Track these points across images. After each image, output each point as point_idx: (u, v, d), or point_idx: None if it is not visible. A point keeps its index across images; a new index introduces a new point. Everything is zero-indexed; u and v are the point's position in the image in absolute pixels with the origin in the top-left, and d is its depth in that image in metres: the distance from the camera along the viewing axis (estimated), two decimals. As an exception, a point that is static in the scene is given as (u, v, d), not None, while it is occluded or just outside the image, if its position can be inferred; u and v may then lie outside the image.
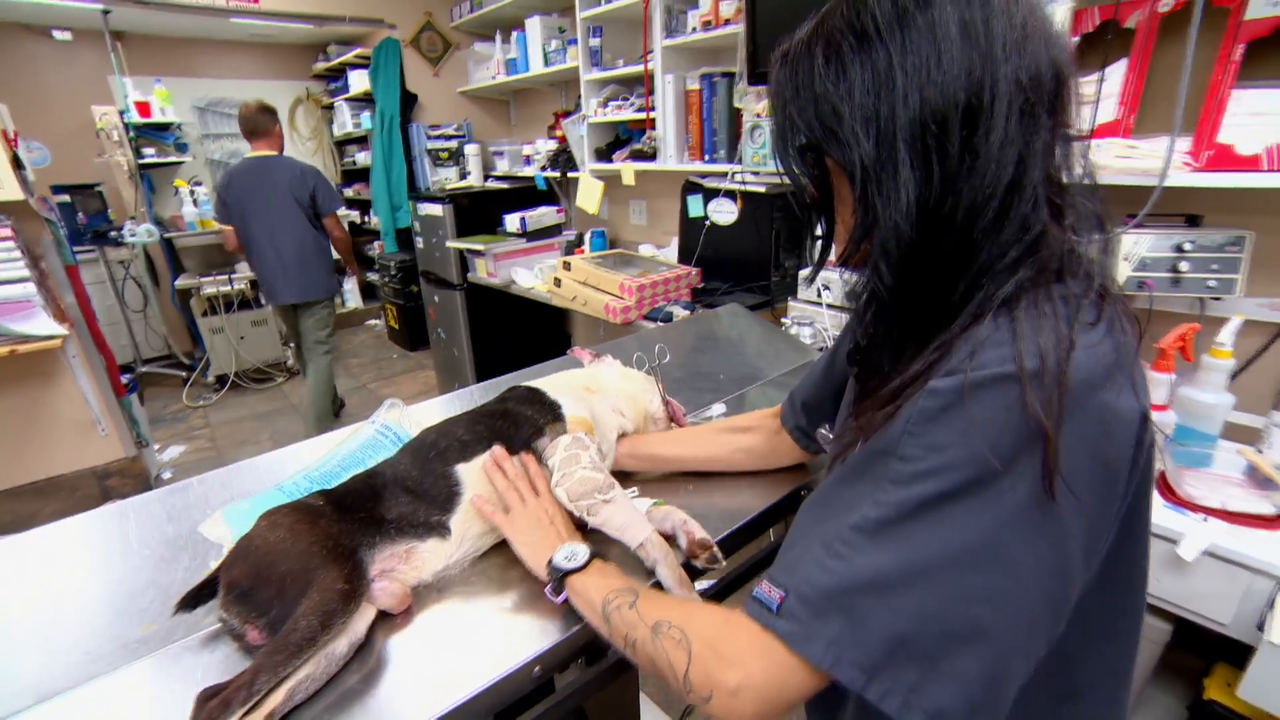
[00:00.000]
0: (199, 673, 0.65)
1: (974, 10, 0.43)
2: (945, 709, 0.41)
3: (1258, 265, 1.30)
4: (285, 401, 4.02)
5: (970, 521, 0.41)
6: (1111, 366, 0.42)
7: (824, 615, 0.44)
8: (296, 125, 5.34)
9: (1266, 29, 1.16)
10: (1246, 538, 1.07)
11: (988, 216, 0.44)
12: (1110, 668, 0.55)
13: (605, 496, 0.74)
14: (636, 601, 0.57)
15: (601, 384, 0.95)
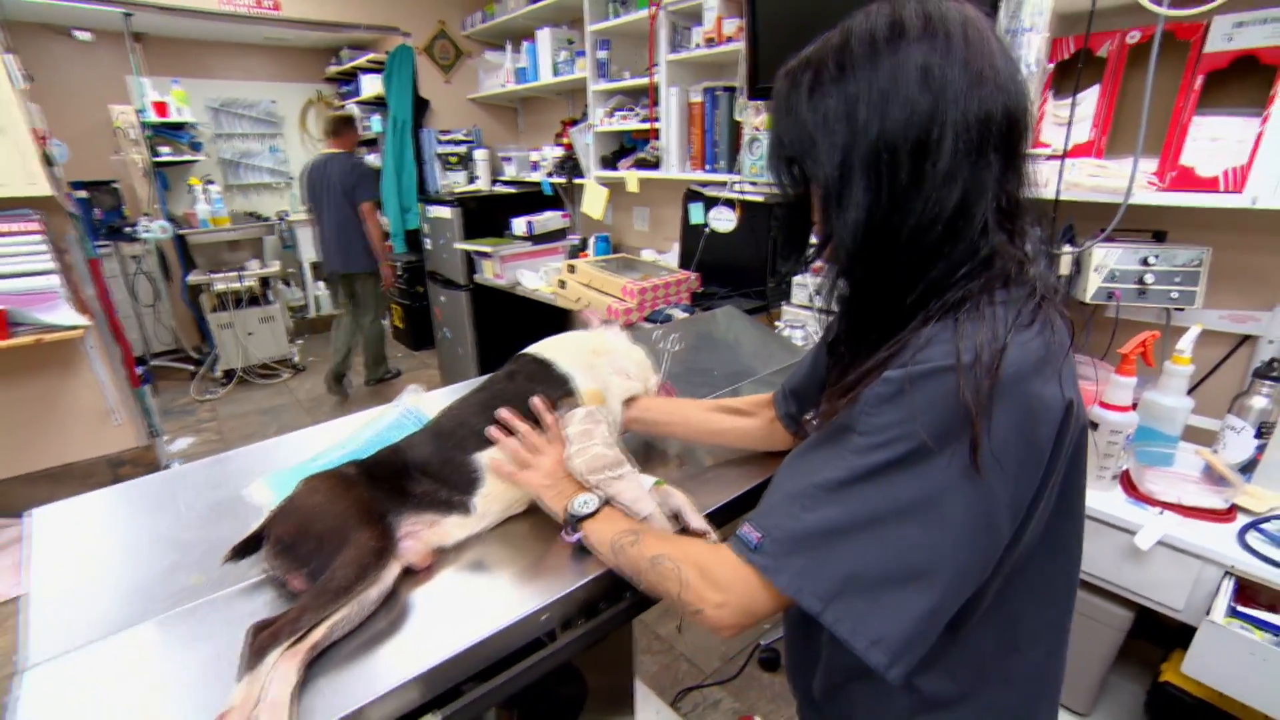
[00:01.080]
0: (245, 615, 0.74)
1: (934, 57, 0.50)
2: (884, 636, 0.51)
3: (1215, 279, 1.40)
4: (291, 397, 4.10)
5: (909, 485, 0.50)
6: (1040, 360, 0.50)
7: (790, 554, 0.54)
8: (307, 127, 5.45)
9: (1224, 62, 1.26)
10: (1199, 530, 1.16)
11: (933, 236, 0.52)
12: (1050, 625, 0.64)
13: (616, 473, 0.79)
14: (638, 540, 0.67)
15: (609, 346, 0.96)
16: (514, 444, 0.83)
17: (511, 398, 0.87)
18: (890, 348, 0.54)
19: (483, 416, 0.86)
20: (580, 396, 0.88)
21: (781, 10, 1.89)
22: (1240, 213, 1.32)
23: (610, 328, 1.03)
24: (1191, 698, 1.21)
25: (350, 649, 0.69)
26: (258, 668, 0.61)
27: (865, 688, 0.67)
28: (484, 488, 0.83)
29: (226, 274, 4.16)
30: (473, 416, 0.87)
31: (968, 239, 0.52)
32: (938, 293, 0.53)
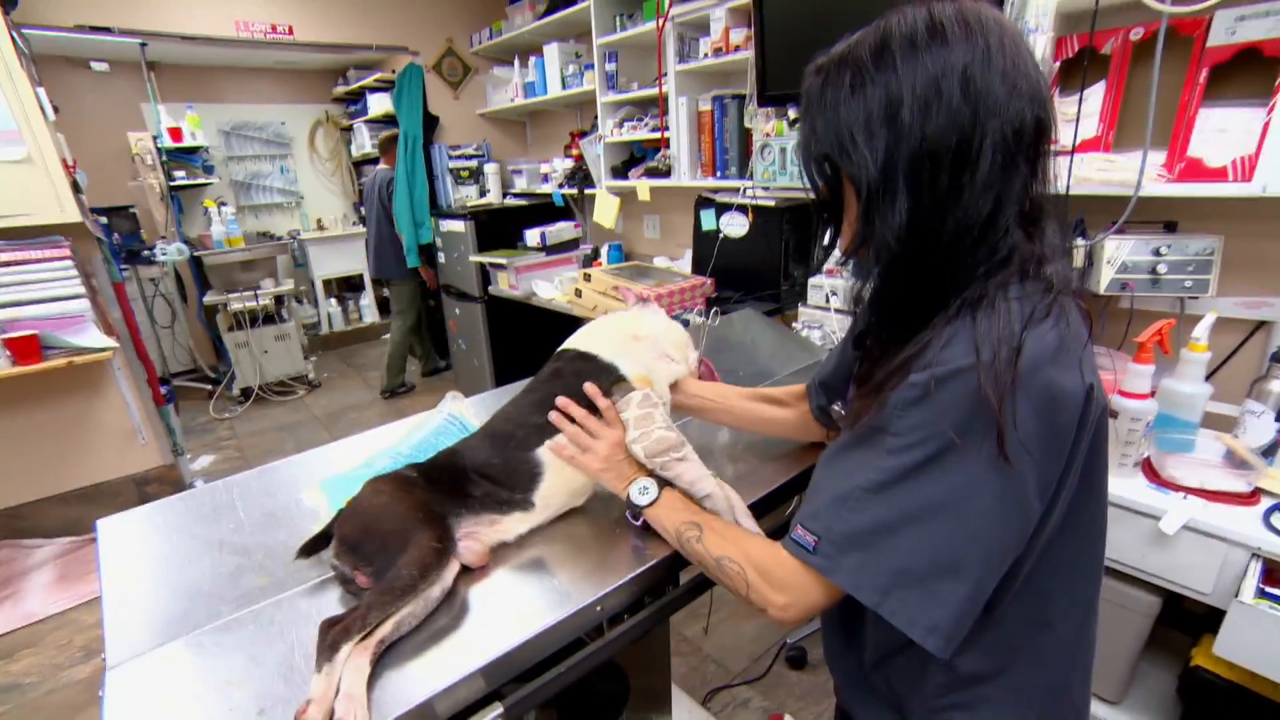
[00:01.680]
0: (311, 614, 0.77)
1: (976, 65, 0.51)
2: (939, 624, 0.55)
3: (1228, 267, 1.43)
4: (308, 413, 4.16)
5: (944, 480, 0.53)
6: (1057, 350, 0.52)
7: (845, 553, 0.57)
8: (316, 147, 5.54)
9: (1227, 55, 1.29)
10: (1224, 513, 1.18)
11: (968, 241, 0.55)
12: (1078, 600, 0.67)
13: (679, 455, 0.80)
14: (703, 536, 0.71)
15: (648, 329, 0.94)
16: (573, 429, 0.83)
17: (563, 392, 0.87)
18: (915, 345, 0.57)
19: (538, 414, 0.86)
20: (631, 381, 0.87)
21: (788, 20, 1.93)
22: (1250, 201, 1.34)
23: (647, 307, 1.01)
24: (1224, 681, 1.22)
25: (416, 642, 0.73)
26: (333, 660, 0.65)
27: (906, 662, 0.70)
28: (544, 484, 0.85)
29: (242, 293, 4.22)
30: (528, 415, 0.88)
31: (992, 241, 0.55)
32: (958, 290, 0.56)
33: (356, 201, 5.76)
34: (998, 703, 0.67)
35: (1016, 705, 0.67)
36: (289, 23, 3.57)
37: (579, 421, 0.84)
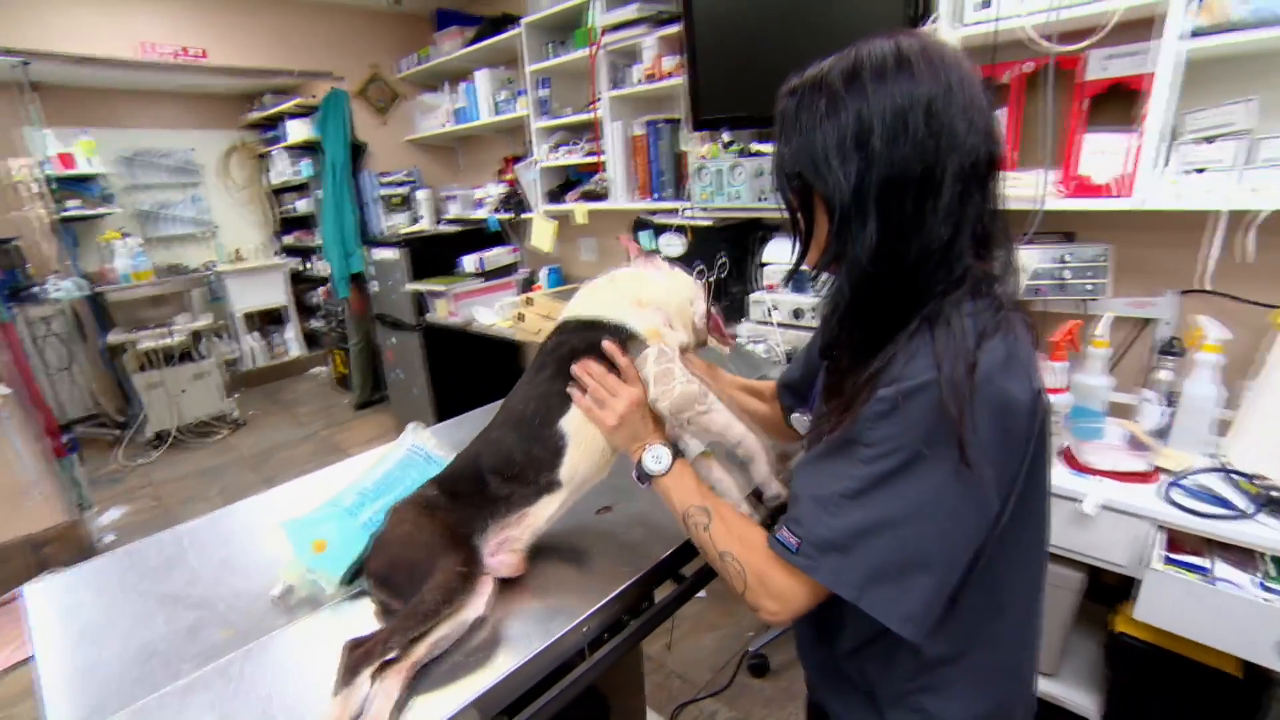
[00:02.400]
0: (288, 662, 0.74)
1: (939, 101, 0.55)
2: (912, 613, 0.60)
3: (1119, 271, 1.60)
4: (234, 454, 3.90)
5: (914, 486, 0.58)
6: (1006, 361, 0.57)
7: (825, 554, 0.62)
8: (230, 174, 5.27)
9: (1102, 88, 1.46)
10: (1131, 492, 1.31)
11: (930, 263, 0.59)
12: (1027, 586, 0.74)
13: (703, 407, 0.78)
14: (710, 525, 0.72)
15: (651, 295, 0.88)
16: (593, 384, 0.80)
17: (575, 359, 0.82)
18: (881, 359, 0.61)
19: (557, 383, 0.83)
20: (643, 338, 0.83)
21: (719, 48, 2.03)
22: (1130, 214, 1.51)
23: (650, 263, 0.93)
24: (1142, 643, 1.34)
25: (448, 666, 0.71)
26: (352, 684, 0.65)
27: (878, 650, 0.75)
28: (567, 457, 0.82)
29: (154, 330, 3.94)
30: (547, 387, 0.84)
31: (949, 263, 0.60)
32: (918, 307, 0.60)
33: (277, 231, 5.50)
34: (960, 684, 0.73)
35: (976, 685, 0.73)
36: (203, 46, 3.40)
37: (597, 379, 0.80)
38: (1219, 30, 1.26)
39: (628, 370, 0.80)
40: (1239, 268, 1.38)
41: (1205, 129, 1.38)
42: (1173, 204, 1.38)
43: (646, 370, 0.80)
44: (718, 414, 0.79)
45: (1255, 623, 1.07)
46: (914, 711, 0.73)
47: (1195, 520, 1.20)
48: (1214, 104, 1.37)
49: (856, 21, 1.73)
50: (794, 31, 1.85)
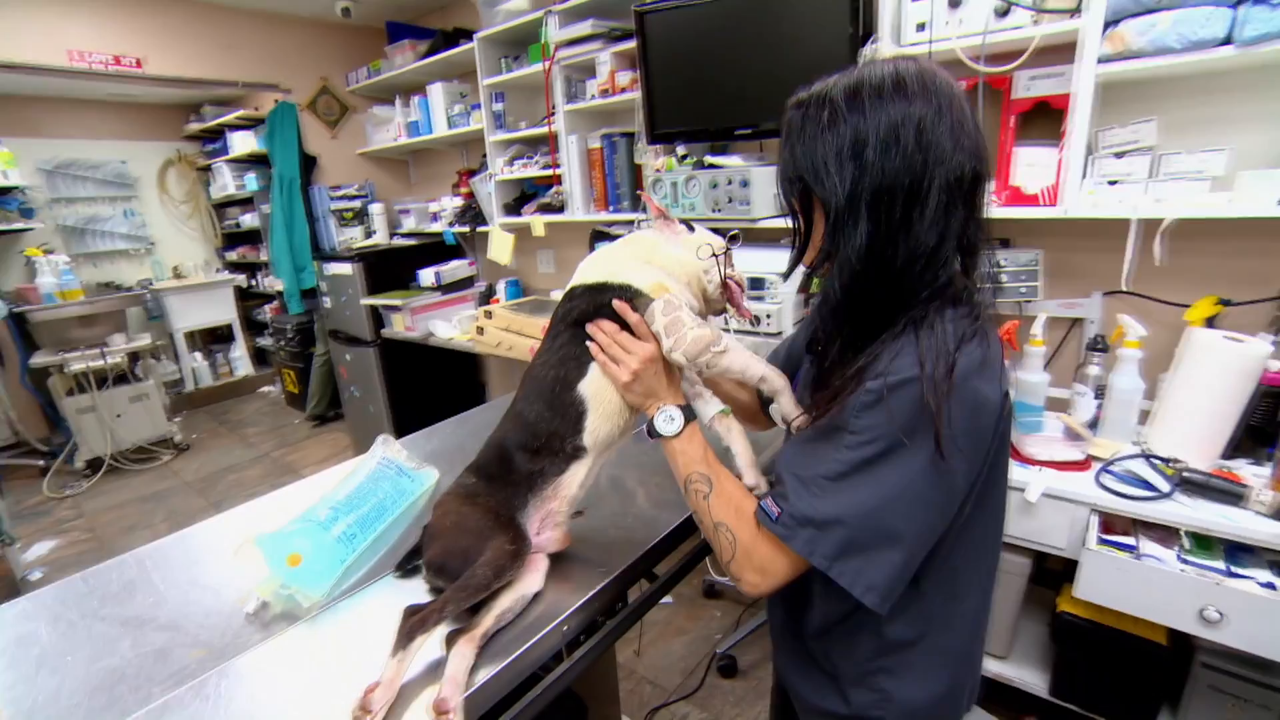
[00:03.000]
0: (269, 671, 0.73)
1: (929, 119, 0.60)
2: (876, 584, 0.65)
3: (1050, 275, 1.72)
4: (176, 480, 3.73)
5: (892, 472, 0.63)
6: (980, 364, 0.63)
7: (804, 526, 0.66)
8: (167, 188, 5.06)
9: (1028, 106, 1.58)
10: (1068, 479, 1.40)
11: (916, 268, 0.64)
12: (981, 578, 0.80)
13: (719, 348, 0.78)
14: (710, 495, 0.75)
15: (662, 259, 0.87)
16: (606, 340, 0.82)
17: (585, 322, 0.84)
18: (867, 356, 0.67)
19: (572, 347, 0.84)
20: (647, 294, 0.83)
21: (673, 65, 2.09)
22: (1058, 221, 1.63)
23: (669, 227, 0.90)
24: (1083, 620, 1.44)
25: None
26: (407, 648, 0.70)
27: (843, 631, 0.80)
28: (589, 420, 0.83)
29: (85, 352, 3.73)
30: (566, 351, 0.85)
31: (934, 269, 0.65)
32: (904, 309, 0.65)
33: (220, 247, 5.31)
34: (918, 666, 0.78)
35: (932, 668, 0.79)
36: (138, 55, 3.27)
37: (610, 336, 0.81)
38: (1123, 58, 1.38)
39: (639, 326, 0.81)
40: (1154, 270, 1.51)
41: (1117, 145, 1.51)
42: (1092, 213, 1.50)
43: (656, 324, 0.80)
44: (735, 354, 0.79)
45: (1177, 593, 1.17)
46: (874, 691, 0.78)
47: (1123, 502, 1.31)
48: (1122, 123, 1.50)
49: (804, 41, 1.82)
50: (744, 50, 1.93)
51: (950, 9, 1.54)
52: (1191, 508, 1.26)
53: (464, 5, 3.28)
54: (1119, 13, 1.37)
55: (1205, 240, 1.55)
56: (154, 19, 3.28)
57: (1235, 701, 1.32)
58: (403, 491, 1.03)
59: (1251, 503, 1.22)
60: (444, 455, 1.26)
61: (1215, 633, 1.14)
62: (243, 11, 3.46)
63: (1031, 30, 1.46)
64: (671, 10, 2.02)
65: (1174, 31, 1.30)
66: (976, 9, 1.51)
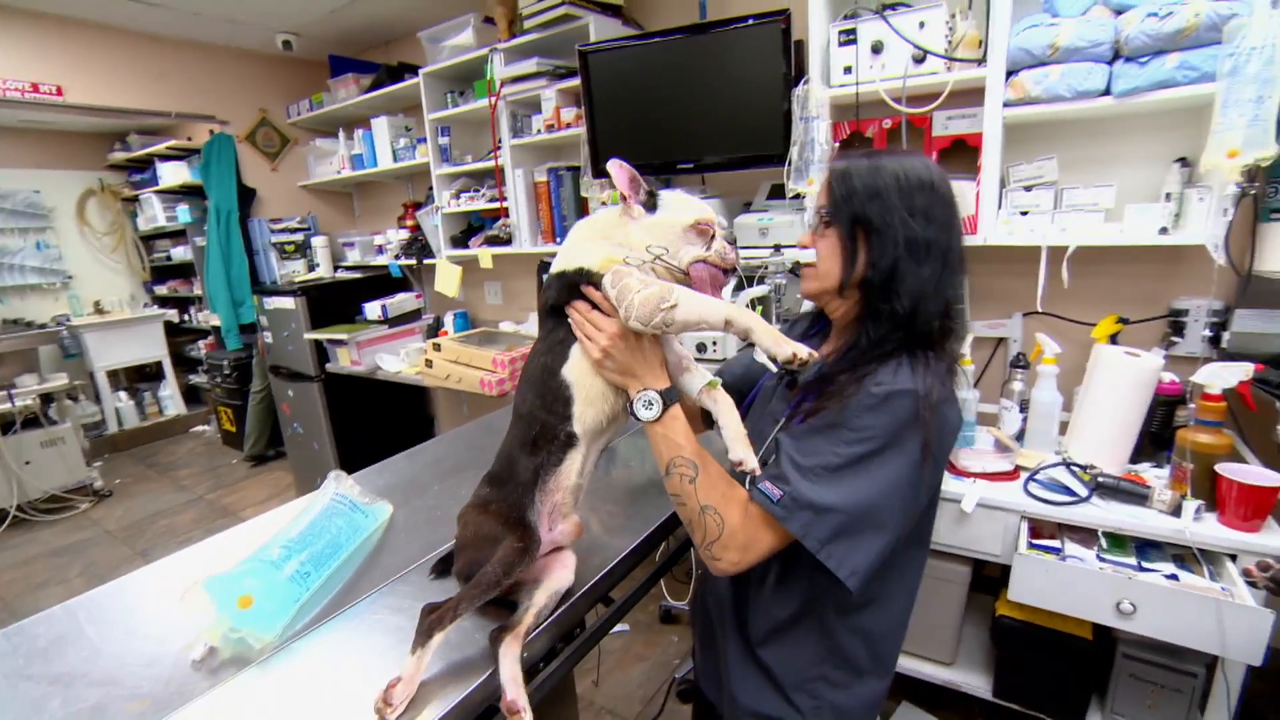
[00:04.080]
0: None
1: (948, 209, 0.77)
2: (858, 567, 0.73)
3: (975, 298, 1.85)
4: (96, 529, 3.47)
5: (885, 468, 0.72)
6: (950, 396, 0.76)
7: (803, 509, 0.73)
8: (88, 219, 4.80)
9: (947, 143, 1.72)
10: (999, 489, 1.50)
11: (919, 309, 0.75)
12: (920, 557, 0.90)
13: (670, 302, 0.76)
14: (696, 479, 0.77)
15: (622, 235, 0.85)
16: (579, 319, 0.83)
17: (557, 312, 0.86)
18: (867, 369, 0.76)
19: (556, 333, 0.86)
20: (596, 272, 0.82)
21: (615, 104, 2.17)
22: (978, 248, 1.77)
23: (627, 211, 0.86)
24: (1019, 621, 1.53)
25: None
26: (426, 645, 0.74)
27: (788, 638, 0.86)
28: (575, 405, 0.84)
29: (-9, 396, 3.47)
30: (549, 340, 0.87)
31: (928, 317, 0.76)
32: (906, 346, 0.77)
33: (148, 281, 5.06)
34: (863, 675, 0.87)
35: (865, 673, 0.87)
36: (56, 83, 3.14)
37: (583, 315, 0.83)
38: (1024, 103, 1.53)
39: (604, 303, 0.81)
40: (1065, 292, 1.65)
41: (1025, 179, 1.66)
42: (1008, 240, 1.64)
43: (611, 297, 0.79)
44: (688, 305, 0.77)
45: (1096, 589, 1.26)
46: (813, 698, 0.86)
47: (1047, 508, 1.40)
48: (1028, 160, 1.65)
49: (741, 80, 1.93)
50: (685, 88, 2.03)
51: (873, 55, 1.67)
52: (1105, 509, 1.36)
53: (408, 41, 3.30)
54: (1017, 63, 1.52)
55: (1106, 264, 1.70)
56: (76, 46, 3.16)
57: (1154, 688, 1.42)
58: (357, 527, 1.02)
59: (1154, 502, 1.33)
60: (397, 489, 1.24)
61: (1130, 624, 1.24)
62: (176, 42, 3.38)
63: (945, 76, 1.60)
64: (614, 50, 2.10)
65: (1063, 82, 1.46)
66: (897, 55, 1.64)
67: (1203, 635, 1.18)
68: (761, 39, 1.86)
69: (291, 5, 2.98)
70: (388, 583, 0.96)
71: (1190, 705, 1.40)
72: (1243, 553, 1.25)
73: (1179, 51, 1.36)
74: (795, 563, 0.83)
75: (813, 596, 0.84)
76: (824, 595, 0.83)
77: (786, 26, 1.81)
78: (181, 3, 2.90)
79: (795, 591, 0.84)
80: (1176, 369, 1.53)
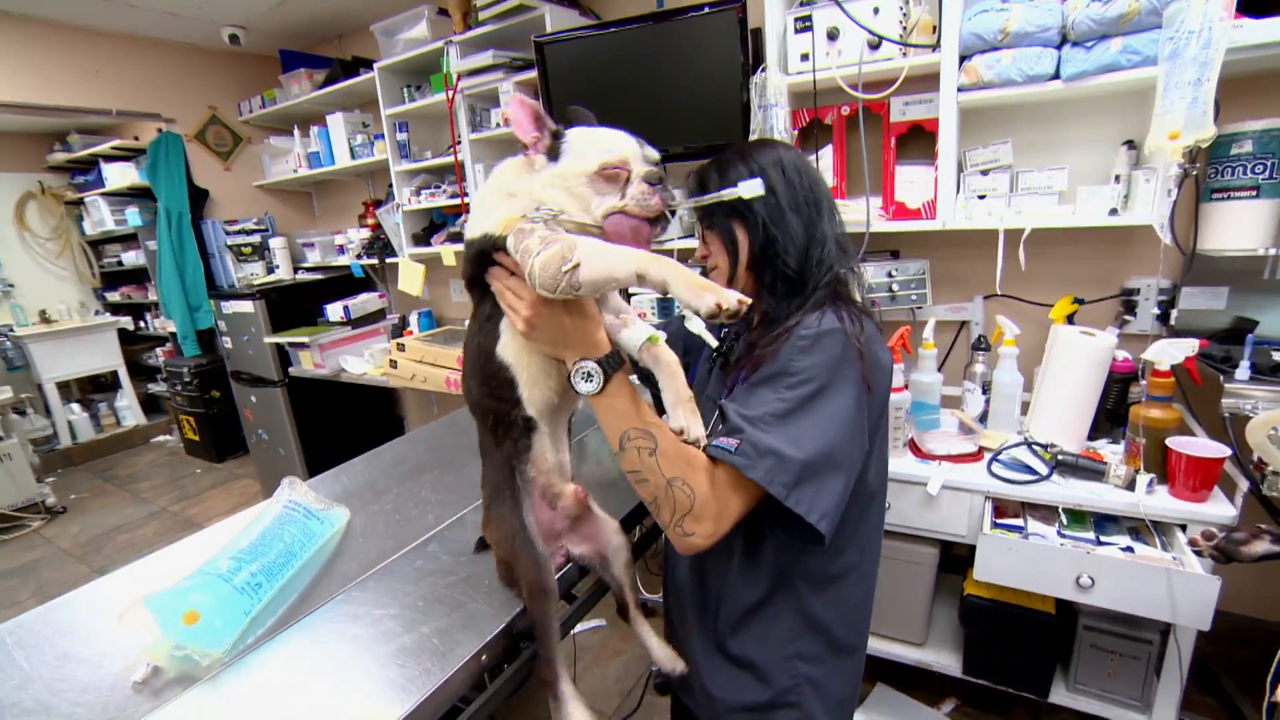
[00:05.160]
0: None
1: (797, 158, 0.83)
2: (826, 510, 0.72)
3: (937, 282, 1.87)
4: (50, 547, 3.34)
5: (830, 404, 0.72)
6: (876, 334, 0.78)
7: (763, 456, 0.70)
8: (28, 224, 4.60)
9: (904, 128, 1.73)
10: (964, 470, 1.52)
11: (821, 253, 0.80)
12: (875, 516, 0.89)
13: (571, 262, 0.65)
14: (657, 450, 0.72)
15: (526, 188, 0.75)
16: (499, 287, 0.76)
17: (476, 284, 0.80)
18: (792, 321, 0.77)
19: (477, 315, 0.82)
20: (499, 239, 0.72)
21: (573, 97, 2.14)
22: (939, 233, 1.79)
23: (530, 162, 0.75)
24: (985, 600, 1.55)
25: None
26: (560, 697, 0.81)
27: (757, 620, 0.85)
28: (521, 388, 0.79)
29: (-70, 413, 3.31)
30: (474, 324, 0.82)
31: (830, 259, 0.80)
32: (813, 292, 0.79)
33: (98, 288, 4.87)
34: (840, 650, 0.86)
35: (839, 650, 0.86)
36: (-14, 82, 2.98)
37: (501, 283, 0.76)
38: (977, 87, 1.54)
39: (518, 269, 0.72)
40: (1022, 274, 1.67)
41: (981, 163, 1.67)
42: (966, 224, 1.65)
43: (519, 260, 0.70)
44: (593, 263, 0.66)
45: (1057, 565, 1.29)
46: (791, 677, 0.84)
47: (1010, 487, 1.43)
48: (984, 144, 1.67)
49: (699, 69, 1.91)
50: (643, 78, 2.00)
51: (829, 41, 1.67)
52: (1065, 487, 1.39)
53: (361, 34, 3.21)
54: (970, 48, 1.53)
55: (1061, 246, 1.74)
56: (7, 42, 3.00)
57: (1113, 656, 1.46)
58: (311, 534, 0.98)
59: (1110, 478, 1.37)
60: (355, 494, 1.21)
61: (1089, 597, 1.26)
62: (113, 36, 3.22)
63: (901, 61, 1.61)
64: (570, 41, 2.07)
65: (1015, 66, 1.47)
66: (852, 42, 1.64)
67: (1156, 603, 1.22)
68: (718, 27, 1.84)
69: (236, -3, 2.87)
70: (344, 590, 0.93)
71: (1147, 671, 1.44)
72: (1192, 522, 1.29)
73: (1122, 36, 1.38)
74: (760, 536, 0.83)
75: (782, 570, 0.83)
76: (793, 567, 0.83)
77: (743, 14, 1.80)
78: (117, -5, 2.77)
79: (764, 567, 0.84)
80: (1130, 347, 1.57)
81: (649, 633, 0.95)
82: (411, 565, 0.99)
